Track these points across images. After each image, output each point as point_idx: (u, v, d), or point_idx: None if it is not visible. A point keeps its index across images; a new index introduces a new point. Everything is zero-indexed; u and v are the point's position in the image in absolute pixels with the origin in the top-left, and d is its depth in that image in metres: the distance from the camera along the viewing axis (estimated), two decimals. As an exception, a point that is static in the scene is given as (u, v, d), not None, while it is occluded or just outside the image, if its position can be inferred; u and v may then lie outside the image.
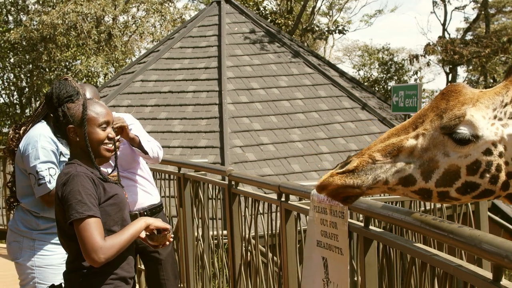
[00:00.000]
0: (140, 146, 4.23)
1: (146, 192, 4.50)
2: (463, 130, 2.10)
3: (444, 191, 2.16)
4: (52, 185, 3.73)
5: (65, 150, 3.91)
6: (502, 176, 2.13)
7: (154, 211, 4.51)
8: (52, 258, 3.83)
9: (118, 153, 3.56)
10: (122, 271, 2.93)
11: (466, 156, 2.12)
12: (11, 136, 4.02)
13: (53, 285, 3.34)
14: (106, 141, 2.97)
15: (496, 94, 2.17)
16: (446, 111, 2.15)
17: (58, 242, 3.82)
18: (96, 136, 2.93)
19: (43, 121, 3.93)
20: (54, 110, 2.94)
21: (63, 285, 3.08)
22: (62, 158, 3.87)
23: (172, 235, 3.14)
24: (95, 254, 2.71)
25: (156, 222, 3.02)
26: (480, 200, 2.25)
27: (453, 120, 2.12)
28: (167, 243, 3.10)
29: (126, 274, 2.96)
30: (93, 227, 2.73)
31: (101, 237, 2.73)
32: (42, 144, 3.80)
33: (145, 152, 4.27)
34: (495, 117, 2.14)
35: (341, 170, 2.19)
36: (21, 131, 3.97)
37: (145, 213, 4.44)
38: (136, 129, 4.36)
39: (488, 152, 2.12)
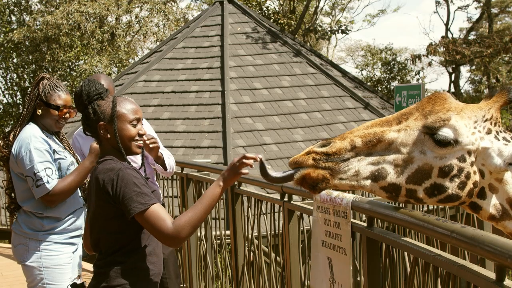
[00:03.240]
0: (163, 163, 4.35)
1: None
2: (446, 133, 2.22)
3: (412, 189, 2.25)
4: (51, 185, 3.73)
5: (58, 148, 3.90)
6: (470, 184, 2.25)
7: None
8: (59, 258, 3.83)
9: None
10: (155, 266, 2.94)
11: (442, 158, 2.23)
12: (1, 144, 3.98)
13: (75, 283, 3.33)
14: (137, 137, 2.97)
15: (479, 109, 2.30)
16: (431, 113, 2.26)
17: (64, 241, 3.82)
18: (127, 132, 2.93)
19: (30, 123, 3.91)
20: (84, 107, 2.93)
21: (85, 284, 3.06)
22: (56, 156, 3.86)
23: None
24: (171, 237, 2.70)
25: (235, 175, 2.90)
26: (444, 205, 2.34)
27: (438, 122, 2.23)
28: None
29: (157, 271, 2.96)
30: (160, 213, 2.71)
31: (170, 220, 2.72)
32: (35, 145, 3.78)
33: (165, 169, 4.39)
34: (474, 128, 2.27)
35: (320, 149, 2.25)
36: (10, 137, 3.95)
37: None
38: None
39: (462, 159, 2.24)
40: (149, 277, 2.91)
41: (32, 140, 3.80)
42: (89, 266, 6.94)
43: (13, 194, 4.01)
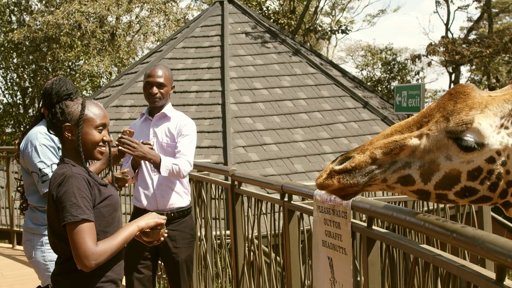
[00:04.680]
0: (157, 167, 4.31)
1: (177, 193, 4.54)
2: (470, 138, 2.09)
3: (442, 193, 2.16)
4: None
5: None
6: (502, 184, 2.13)
7: (181, 213, 4.55)
8: None
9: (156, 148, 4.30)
10: (112, 273, 2.91)
11: (469, 162, 2.11)
12: (17, 142, 4.12)
13: (39, 286, 3.31)
14: (101, 143, 2.94)
15: (505, 102, 2.14)
16: (453, 113, 2.13)
17: None
18: (92, 137, 2.90)
19: (42, 121, 4.01)
20: (52, 106, 2.90)
21: (50, 286, 3.05)
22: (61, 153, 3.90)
23: (166, 231, 3.12)
24: (86, 260, 2.69)
25: (150, 223, 2.99)
26: (476, 204, 2.24)
27: (460, 125, 2.10)
28: (162, 238, 3.08)
29: (116, 276, 2.94)
30: (86, 232, 2.71)
31: (93, 242, 2.71)
32: (41, 142, 3.85)
33: (159, 172, 4.34)
34: (501, 125, 2.13)
35: (340, 167, 2.18)
36: (24, 137, 4.05)
37: (172, 214, 4.48)
38: (185, 140, 4.48)
39: (491, 160, 2.11)
40: (106, 284, 2.89)
41: (38, 136, 3.87)
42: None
43: (24, 194, 4.07)
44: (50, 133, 3.08)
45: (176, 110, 4.70)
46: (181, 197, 4.56)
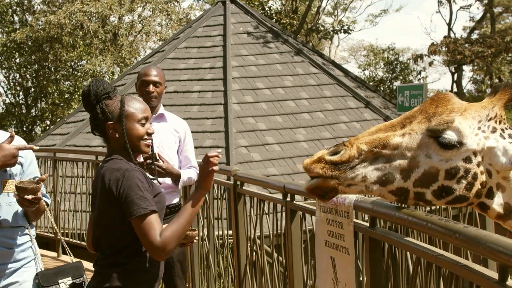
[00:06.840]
0: (176, 181, 4.51)
1: (170, 190, 4.55)
2: (450, 135, 2.22)
3: (420, 192, 2.26)
4: None
5: None
6: (477, 184, 2.25)
7: (173, 210, 4.56)
8: None
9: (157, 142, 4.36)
10: (153, 268, 2.93)
11: (447, 160, 2.23)
12: None
13: (74, 283, 3.30)
14: (146, 136, 2.96)
15: (482, 108, 2.29)
16: (434, 115, 2.26)
17: None
18: (136, 132, 2.92)
19: None
20: (92, 107, 2.91)
21: (84, 284, 3.05)
22: None
23: (196, 232, 3.12)
24: (158, 249, 2.70)
25: (210, 176, 2.93)
26: (453, 205, 2.36)
27: (441, 124, 2.23)
28: (194, 240, 3.09)
29: (160, 273, 2.97)
30: (155, 223, 2.72)
31: (160, 232, 2.72)
32: None
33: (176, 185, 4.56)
34: (479, 128, 2.26)
35: (330, 158, 2.25)
36: None
37: (168, 210, 4.47)
38: (191, 149, 4.70)
39: (468, 160, 2.24)
40: (150, 280, 2.90)
41: None
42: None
43: None
44: (94, 134, 2.99)
45: (166, 110, 4.72)
46: (173, 194, 4.57)
